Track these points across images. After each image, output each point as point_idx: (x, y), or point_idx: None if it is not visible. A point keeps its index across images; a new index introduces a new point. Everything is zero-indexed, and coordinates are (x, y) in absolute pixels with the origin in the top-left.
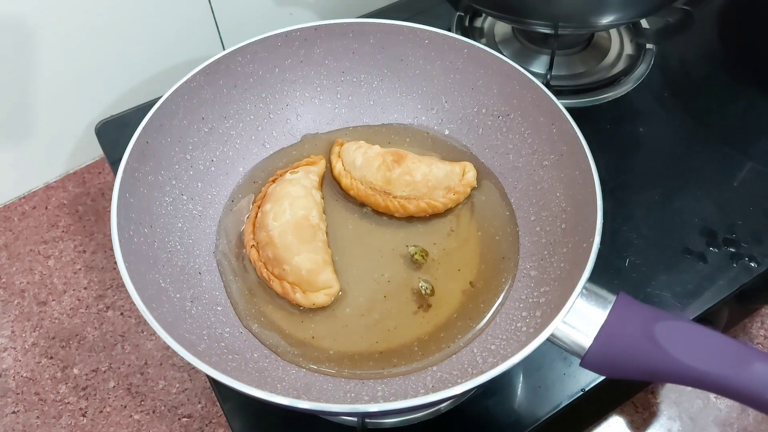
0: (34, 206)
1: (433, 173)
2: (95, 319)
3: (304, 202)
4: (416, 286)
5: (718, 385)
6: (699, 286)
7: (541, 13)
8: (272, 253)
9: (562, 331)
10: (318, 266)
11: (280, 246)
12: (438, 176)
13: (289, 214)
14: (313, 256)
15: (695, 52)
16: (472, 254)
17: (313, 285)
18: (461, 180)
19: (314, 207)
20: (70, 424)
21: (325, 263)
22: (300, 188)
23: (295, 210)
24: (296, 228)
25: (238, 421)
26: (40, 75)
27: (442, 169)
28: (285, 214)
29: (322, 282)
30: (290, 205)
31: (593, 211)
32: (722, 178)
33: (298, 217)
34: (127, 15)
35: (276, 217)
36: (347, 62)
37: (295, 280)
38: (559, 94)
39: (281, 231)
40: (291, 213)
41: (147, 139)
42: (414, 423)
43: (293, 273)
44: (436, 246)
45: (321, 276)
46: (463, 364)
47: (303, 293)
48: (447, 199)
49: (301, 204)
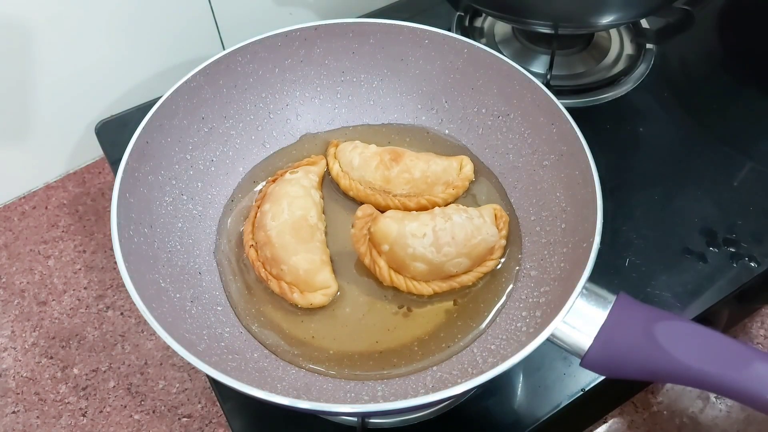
0: (34, 206)
1: (432, 169)
2: (95, 319)
3: (302, 202)
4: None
5: (718, 385)
6: (699, 286)
7: (541, 13)
8: (270, 253)
9: (562, 331)
10: (315, 266)
11: (277, 246)
12: (436, 172)
13: (287, 214)
14: (311, 256)
15: (695, 52)
16: None
17: (311, 285)
18: (459, 174)
19: (313, 207)
20: (70, 424)
21: (323, 263)
22: (299, 188)
23: (293, 210)
24: (294, 228)
25: (238, 421)
26: (40, 75)
27: (440, 164)
28: (283, 214)
29: (320, 282)
30: (288, 205)
31: (593, 211)
32: (722, 178)
33: (296, 217)
34: (127, 15)
35: (274, 217)
36: (347, 62)
37: (293, 280)
38: (559, 94)
39: (279, 231)
40: (289, 213)
41: (147, 139)
42: (414, 423)
43: (291, 273)
44: None
45: (318, 276)
46: (463, 364)
47: (301, 293)
48: (447, 194)
49: (299, 204)
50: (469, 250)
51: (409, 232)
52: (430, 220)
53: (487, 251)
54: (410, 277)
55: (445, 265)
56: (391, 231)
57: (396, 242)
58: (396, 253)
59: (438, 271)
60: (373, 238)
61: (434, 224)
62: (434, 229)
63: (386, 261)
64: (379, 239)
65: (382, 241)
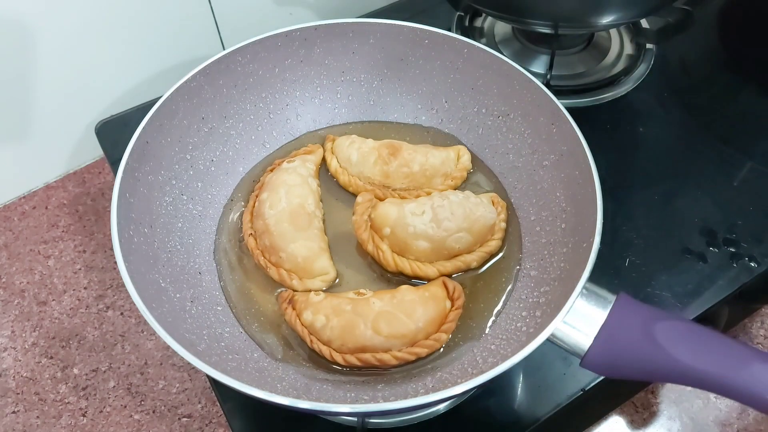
0: (34, 206)
1: (430, 162)
2: (95, 319)
3: (300, 190)
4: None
5: (718, 385)
6: (699, 286)
7: (541, 13)
8: (269, 241)
9: (562, 331)
10: (314, 253)
11: (276, 234)
12: (435, 164)
13: (285, 203)
14: (309, 244)
15: (695, 52)
16: None
17: (309, 272)
18: (457, 165)
19: (310, 195)
20: (70, 424)
21: (321, 250)
22: (296, 176)
23: (290, 198)
24: (292, 216)
25: (238, 421)
26: (41, 75)
27: (438, 156)
28: (281, 203)
29: (318, 269)
30: (286, 193)
31: (593, 211)
32: (722, 178)
33: (293, 205)
34: (127, 15)
35: (272, 205)
36: (347, 62)
37: (292, 267)
38: (559, 94)
39: (277, 219)
40: (287, 201)
41: (147, 139)
42: (414, 423)
43: (289, 260)
44: None
45: (317, 263)
46: (463, 364)
47: (299, 280)
48: (446, 186)
49: (297, 192)
50: (470, 224)
51: (409, 211)
52: (428, 200)
53: (488, 229)
54: (414, 259)
55: (447, 241)
56: (390, 214)
57: (396, 224)
58: (397, 235)
59: (440, 248)
60: (374, 224)
61: (432, 203)
62: (432, 206)
63: (389, 245)
64: (380, 224)
65: (383, 224)
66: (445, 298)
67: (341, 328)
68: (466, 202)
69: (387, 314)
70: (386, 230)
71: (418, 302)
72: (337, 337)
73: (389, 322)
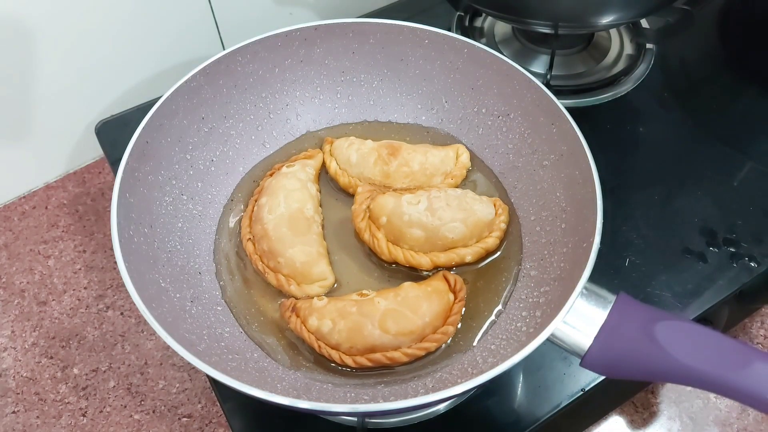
0: (34, 206)
1: (430, 161)
2: (95, 319)
3: (299, 195)
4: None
5: (718, 385)
6: (699, 286)
7: (541, 13)
8: (267, 245)
9: (562, 331)
10: (312, 258)
11: (274, 239)
12: (434, 163)
13: (284, 207)
14: (308, 249)
15: (695, 52)
16: None
17: (308, 277)
18: (456, 163)
19: (309, 200)
20: (70, 424)
21: (320, 255)
22: (295, 181)
23: (289, 203)
24: (290, 221)
25: (238, 421)
26: (40, 75)
27: (437, 155)
28: (279, 207)
29: (317, 274)
30: (285, 198)
31: (593, 211)
32: (722, 178)
33: (292, 210)
34: (127, 15)
35: (271, 210)
36: (347, 62)
37: (290, 273)
38: (559, 94)
39: (276, 224)
40: (285, 206)
41: (147, 139)
42: (414, 423)
43: (288, 265)
44: None
45: (315, 268)
46: (463, 364)
47: (298, 285)
48: (446, 185)
49: (295, 197)
50: (464, 216)
51: (405, 201)
52: (426, 191)
53: (484, 225)
54: (408, 248)
55: (441, 230)
56: (388, 203)
57: (393, 212)
58: (393, 223)
59: (434, 237)
60: (372, 214)
61: (429, 194)
62: (429, 197)
63: (384, 234)
64: (377, 213)
65: (381, 213)
66: (448, 292)
67: (348, 330)
68: (464, 196)
69: (393, 312)
70: (383, 219)
71: (422, 297)
72: (345, 339)
73: (396, 319)
